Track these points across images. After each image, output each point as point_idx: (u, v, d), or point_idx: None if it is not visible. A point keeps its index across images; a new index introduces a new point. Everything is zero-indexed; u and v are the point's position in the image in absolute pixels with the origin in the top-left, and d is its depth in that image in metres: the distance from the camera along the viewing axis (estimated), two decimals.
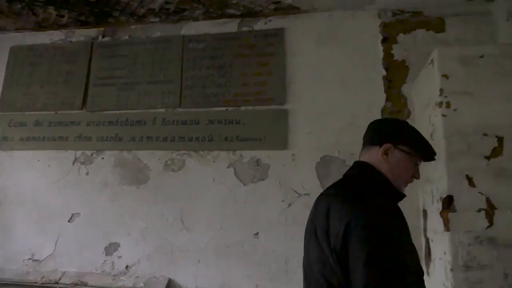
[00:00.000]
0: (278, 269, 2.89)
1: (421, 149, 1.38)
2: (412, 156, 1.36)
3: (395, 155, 1.35)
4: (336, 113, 3.03)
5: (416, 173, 1.38)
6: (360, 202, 1.23)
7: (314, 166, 2.98)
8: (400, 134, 1.38)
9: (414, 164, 1.37)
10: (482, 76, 2.24)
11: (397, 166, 1.34)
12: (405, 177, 1.36)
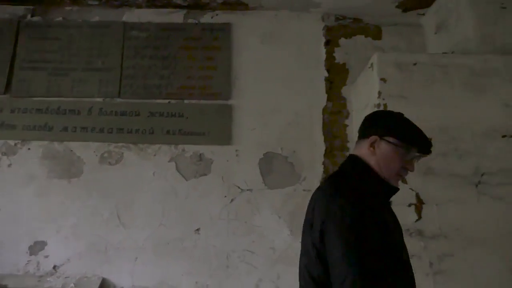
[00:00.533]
0: (219, 265, 2.87)
1: (411, 140, 1.30)
2: (400, 147, 1.28)
3: (382, 147, 1.30)
4: (279, 110, 3.09)
5: (408, 165, 1.30)
6: (339, 197, 1.22)
7: (257, 162, 3.01)
8: (387, 126, 1.33)
9: (404, 156, 1.29)
10: (415, 81, 2.43)
11: (384, 158, 1.29)
12: (392, 169, 1.29)
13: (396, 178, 1.32)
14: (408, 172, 1.32)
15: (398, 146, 1.28)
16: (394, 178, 1.31)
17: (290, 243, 2.90)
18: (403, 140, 1.28)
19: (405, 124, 1.34)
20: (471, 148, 2.39)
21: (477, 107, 2.43)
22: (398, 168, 1.29)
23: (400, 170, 1.30)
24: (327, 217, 1.19)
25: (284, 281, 2.84)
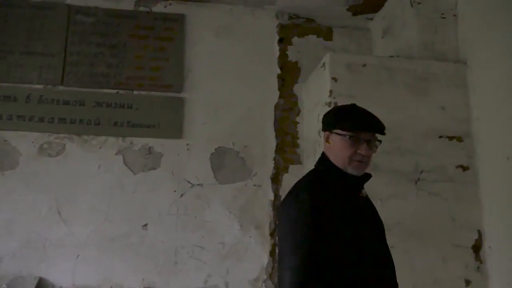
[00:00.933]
0: (167, 261, 2.81)
1: (351, 125, 1.34)
2: (345, 135, 1.33)
3: (333, 139, 1.37)
4: (232, 105, 3.09)
5: (358, 149, 1.32)
6: (290, 194, 1.33)
7: (208, 157, 2.98)
8: (332, 120, 1.39)
9: (353, 142, 1.32)
10: (364, 82, 2.54)
11: (336, 149, 1.35)
12: (345, 157, 1.33)
13: (353, 164, 1.34)
14: (365, 155, 1.33)
15: (343, 134, 1.33)
16: (351, 165, 1.34)
17: (240, 238, 2.91)
18: (345, 128, 1.33)
19: (347, 113, 1.39)
20: (412, 147, 2.55)
21: (418, 108, 2.60)
22: (350, 154, 1.32)
23: (353, 156, 1.32)
24: (278, 216, 1.33)
25: (233, 276, 2.85)
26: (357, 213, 1.32)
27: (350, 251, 1.24)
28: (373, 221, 1.38)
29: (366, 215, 1.36)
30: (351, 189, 1.36)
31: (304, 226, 1.23)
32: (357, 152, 1.32)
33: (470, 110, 2.67)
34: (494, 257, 2.47)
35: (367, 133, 1.34)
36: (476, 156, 2.62)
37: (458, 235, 2.51)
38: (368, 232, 1.32)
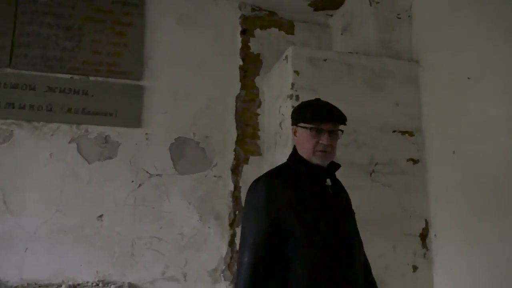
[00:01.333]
0: (123, 253, 2.74)
1: (310, 118, 1.41)
2: (307, 127, 1.42)
3: (299, 133, 1.46)
4: (193, 95, 3.05)
5: (321, 139, 1.40)
6: (254, 182, 1.45)
7: (168, 147, 2.93)
8: (297, 114, 1.49)
9: (315, 133, 1.40)
10: (325, 76, 2.61)
11: (302, 141, 1.44)
12: (309, 147, 1.41)
13: (316, 154, 1.42)
14: (327, 145, 1.40)
15: (305, 127, 1.42)
16: (315, 155, 1.42)
17: (199, 228, 2.90)
18: (307, 120, 1.42)
19: (309, 107, 1.47)
20: (368, 140, 2.66)
21: (374, 104, 2.72)
22: (313, 144, 1.40)
23: (315, 146, 1.41)
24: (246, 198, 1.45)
25: (192, 266, 2.84)
26: (318, 200, 1.38)
27: (307, 237, 1.31)
28: (336, 208, 1.42)
29: (328, 203, 1.41)
30: (314, 178, 1.43)
31: (260, 211, 1.34)
32: (319, 142, 1.40)
33: (421, 107, 2.83)
34: (438, 244, 2.66)
35: (328, 124, 1.41)
36: (425, 150, 2.79)
37: (407, 224, 2.68)
38: (329, 218, 1.37)
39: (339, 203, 1.47)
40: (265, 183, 1.40)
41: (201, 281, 2.84)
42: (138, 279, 2.73)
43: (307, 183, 1.41)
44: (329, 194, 1.43)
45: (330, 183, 1.45)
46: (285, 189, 1.36)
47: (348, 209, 1.52)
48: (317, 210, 1.36)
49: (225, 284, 2.88)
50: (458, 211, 2.49)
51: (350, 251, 1.39)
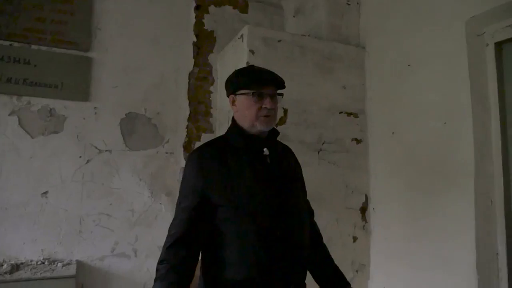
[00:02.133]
0: (70, 230, 2.67)
1: (251, 83, 1.37)
2: (247, 93, 1.37)
3: (239, 101, 1.40)
4: (145, 70, 2.97)
5: (263, 103, 1.36)
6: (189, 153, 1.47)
7: (118, 122, 2.85)
8: (234, 82, 1.42)
9: (257, 98, 1.36)
10: (279, 57, 2.69)
11: (243, 109, 1.38)
12: (252, 114, 1.36)
13: (260, 120, 1.37)
14: (270, 108, 1.37)
15: (246, 93, 1.37)
16: (258, 121, 1.37)
17: (150, 205, 2.90)
18: (247, 86, 1.37)
19: (247, 72, 1.43)
20: (316, 120, 2.81)
21: (324, 86, 2.86)
22: (255, 110, 1.36)
23: (258, 112, 1.36)
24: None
25: (142, 242, 2.84)
26: (252, 170, 1.35)
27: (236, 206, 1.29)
28: (274, 177, 1.38)
29: (265, 172, 1.37)
30: (251, 148, 1.40)
31: (188, 183, 1.34)
32: (262, 107, 1.36)
33: (366, 91, 3.03)
34: (376, 217, 2.92)
35: (268, 87, 1.38)
36: (367, 130, 3.00)
37: (350, 199, 2.89)
38: (263, 187, 1.34)
39: (279, 171, 1.41)
40: (195, 154, 1.39)
41: (152, 256, 2.86)
42: (86, 256, 2.69)
43: (242, 153, 1.38)
44: (266, 163, 1.39)
45: (267, 152, 1.41)
46: (215, 158, 1.35)
47: (291, 176, 1.47)
48: (249, 179, 1.33)
49: None
50: (395, 187, 2.75)
51: (287, 219, 1.35)
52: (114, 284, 2.73)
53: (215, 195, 1.30)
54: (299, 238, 1.39)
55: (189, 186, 1.34)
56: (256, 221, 1.29)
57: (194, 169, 1.35)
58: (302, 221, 1.43)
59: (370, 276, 2.91)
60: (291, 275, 1.33)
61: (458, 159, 2.28)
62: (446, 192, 2.34)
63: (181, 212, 1.32)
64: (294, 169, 1.54)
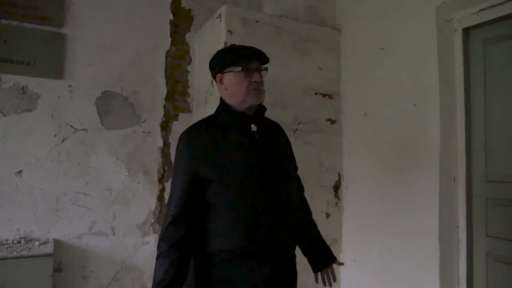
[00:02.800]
0: (46, 209, 2.65)
1: (239, 59, 1.40)
2: (236, 70, 1.39)
3: (227, 79, 1.42)
4: (121, 48, 2.93)
5: (253, 77, 1.39)
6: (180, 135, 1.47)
7: (94, 101, 2.82)
8: (220, 62, 1.44)
9: (246, 73, 1.39)
10: (256, 37, 2.71)
11: (233, 86, 1.41)
12: (243, 89, 1.39)
13: (252, 94, 1.40)
14: (260, 82, 1.41)
15: (234, 70, 1.40)
16: (250, 95, 1.40)
17: (128, 183, 2.91)
18: (235, 63, 1.39)
19: (232, 50, 1.46)
20: (292, 101, 2.87)
21: (300, 67, 2.91)
22: (247, 84, 1.39)
23: (249, 86, 1.39)
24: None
25: (120, 221, 2.87)
26: (240, 146, 1.39)
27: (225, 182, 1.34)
28: (262, 153, 1.42)
29: (253, 148, 1.41)
30: (239, 125, 1.43)
31: (180, 164, 1.39)
32: (252, 81, 1.40)
33: (341, 72, 3.11)
34: (348, 194, 3.06)
35: (255, 62, 1.42)
36: (341, 111, 3.10)
37: (324, 177, 3.01)
38: (252, 163, 1.38)
39: (267, 146, 1.44)
40: (185, 134, 1.43)
41: (130, 234, 2.90)
42: (63, 235, 2.69)
43: (231, 130, 1.41)
44: (255, 139, 1.42)
45: (255, 128, 1.43)
46: (204, 136, 1.39)
47: (279, 151, 1.50)
48: (238, 155, 1.37)
49: (154, 236, 2.97)
50: (366, 165, 2.87)
51: (275, 192, 1.39)
52: (92, 262, 2.76)
53: (205, 171, 1.35)
54: (287, 210, 1.43)
55: (181, 165, 1.39)
56: (245, 194, 1.35)
57: (184, 148, 1.39)
58: (290, 195, 1.47)
59: (341, 250, 3.06)
60: (279, 245, 1.39)
61: (425, 139, 2.41)
62: (414, 170, 2.48)
63: (176, 191, 1.38)
64: (282, 144, 1.58)
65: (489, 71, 2.27)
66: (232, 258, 1.34)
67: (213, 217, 1.36)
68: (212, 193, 1.36)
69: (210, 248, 1.36)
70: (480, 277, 2.27)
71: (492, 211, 2.22)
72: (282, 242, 1.39)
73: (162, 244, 1.34)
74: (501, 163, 2.20)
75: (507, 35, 2.18)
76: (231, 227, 1.34)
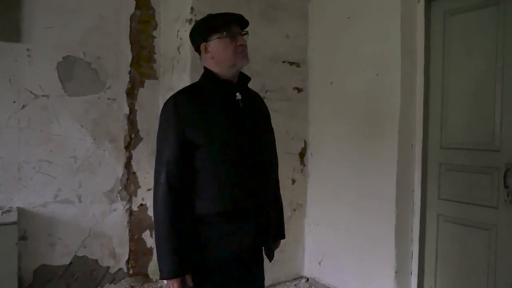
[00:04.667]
0: (8, 178, 2.59)
1: (222, 25, 1.42)
2: (220, 36, 1.42)
3: (212, 46, 1.43)
4: (82, 10, 2.79)
5: (238, 41, 1.42)
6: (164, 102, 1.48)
7: (55, 66, 2.71)
8: (203, 30, 1.45)
9: (231, 38, 1.42)
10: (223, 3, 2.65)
11: (219, 52, 1.42)
12: (229, 54, 1.42)
13: (239, 56, 1.44)
14: (244, 45, 1.44)
15: (219, 37, 1.42)
16: (238, 58, 1.43)
17: (94, 151, 2.87)
18: (219, 29, 1.42)
19: (213, 18, 1.48)
20: (260, 69, 2.88)
21: (267, 35, 2.91)
22: (233, 49, 1.42)
23: (235, 50, 1.42)
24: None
25: (86, 188, 2.85)
26: (224, 113, 1.42)
27: (210, 148, 1.38)
28: (245, 121, 1.45)
29: (237, 115, 1.44)
30: (224, 92, 1.45)
31: (168, 129, 1.40)
32: (237, 45, 1.43)
33: (308, 41, 3.13)
34: (313, 161, 3.16)
35: (237, 26, 1.46)
36: (308, 80, 3.15)
37: (290, 145, 3.08)
38: (235, 130, 1.42)
39: (250, 115, 1.48)
40: (171, 100, 1.44)
41: (97, 202, 2.89)
42: (28, 203, 2.65)
43: (216, 97, 1.44)
44: (239, 107, 1.46)
45: (240, 96, 1.46)
46: (190, 103, 1.41)
47: (261, 121, 1.55)
48: (222, 122, 1.41)
49: (122, 203, 2.98)
50: (331, 133, 2.97)
51: (258, 159, 1.45)
52: (59, 230, 2.75)
53: (192, 135, 1.37)
54: (266, 174, 1.51)
55: (169, 127, 1.39)
56: (229, 160, 1.40)
57: (172, 112, 1.39)
58: (270, 162, 1.57)
59: (306, 214, 3.20)
60: (260, 205, 1.46)
61: (387, 107, 2.51)
62: (376, 137, 2.59)
63: (166, 152, 1.38)
64: (264, 114, 1.62)
65: (447, 42, 2.36)
66: (218, 220, 1.39)
67: (198, 182, 1.40)
68: (197, 158, 1.39)
69: (196, 211, 1.39)
70: (431, 236, 2.46)
71: (444, 175, 2.38)
72: (261, 202, 1.46)
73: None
74: (454, 131, 2.33)
75: (466, 7, 2.26)
76: (216, 191, 1.38)
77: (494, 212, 2.13)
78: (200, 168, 1.39)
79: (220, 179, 1.39)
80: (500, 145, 2.10)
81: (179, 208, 1.37)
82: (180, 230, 1.36)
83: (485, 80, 2.17)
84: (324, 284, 3.00)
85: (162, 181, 1.37)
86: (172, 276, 1.35)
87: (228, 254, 1.41)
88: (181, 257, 1.35)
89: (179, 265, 1.35)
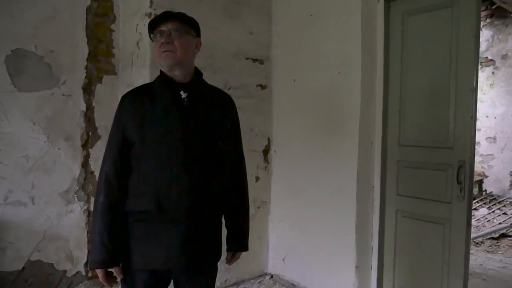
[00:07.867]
0: None
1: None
2: (153, 39, 1.46)
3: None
4: (33, 1, 2.63)
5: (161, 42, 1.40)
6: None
7: (3, 60, 2.54)
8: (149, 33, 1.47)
9: (156, 41, 1.43)
10: None
11: (155, 52, 1.46)
12: (156, 54, 1.43)
13: (162, 56, 1.40)
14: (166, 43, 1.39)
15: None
16: (161, 57, 1.41)
17: (47, 150, 2.73)
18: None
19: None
20: (223, 66, 2.84)
21: (230, 31, 2.86)
22: (157, 49, 1.42)
23: (159, 50, 1.41)
24: None
25: (40, 189, 2.70)
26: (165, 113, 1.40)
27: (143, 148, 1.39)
28: (189, 120, 1.41)
29: (179, 115, 1.40)
30: (167, 90, 1.43)
31: (113, 126, 1.47)
32: (160, 43, 1.40)
33: (271, 37, 3.11)
34: (276, 158, 3.16)
35: (165, 24, 1.40)
36: (272, 77, 3.14)
37: (254, 142, 3.07)
38: (173, 128, 1.39)
39: (195, 115, 1.43)
40: (121, 99, 1.49)
41: (52, 203, 2.75)
42: None
43: (160, 96, 1.42)
44: (183, 107, 1.42)
45: (184, 95, 1.42)
46: (135, 100, 1.44)
47: (210, 121, 1.47)
48: (160, 121, 1.40)
49: (79, 204, 2.86)
50: (294, 130, 2.98)
51: (192, 162, 1.40)
52: (11, 234, 2.59)
53: (129, 133, 1.42)
54: (208, 180, 1.43)
55: (114, 125, 1.47)
56: (158, 159, 1.40)
57: (118, 109, 1.47)
58: (211, 167, 1.46)
59: (270, 212, 3.20)
60: (194, 214, 1.40)
61: (348, 105, 2.55)
62: (337, 134, 2.63)
63: (108, 149, 1.46)
64: (218, 115, 1.52)
65: (405, 42, 2.41)
66: (143, 218, 1.41)
67: (131, 178, 1.43)
68: (132, 155, 1.43)
69: (127, 207, 1.43)
70: (390, 231, 2.52)
71: (402, 172, 2.45)
72: (195, 205, 1.40)
73: (99, 199, 1.42)
74: (411, 129, 2.40)
75: (422, 8, 2.31)
76: (142, 189, 1.40)
77: (448, 207, 2.21)
78: (133, 164, 1.43)
79: (147, 177, 1.41)
80: (454, 143, 2.18)
81: (113, 203, 1.41)
82: (110, 223, 1.40)
83: (440, 79, 2.24)
84: (288, 280, 3.03)
85: (102, 175, 1.44)
86: (98, 266, 1.40)
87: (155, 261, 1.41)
88: (108, 249, 1.39)
89: (105, 257, 1.39)
